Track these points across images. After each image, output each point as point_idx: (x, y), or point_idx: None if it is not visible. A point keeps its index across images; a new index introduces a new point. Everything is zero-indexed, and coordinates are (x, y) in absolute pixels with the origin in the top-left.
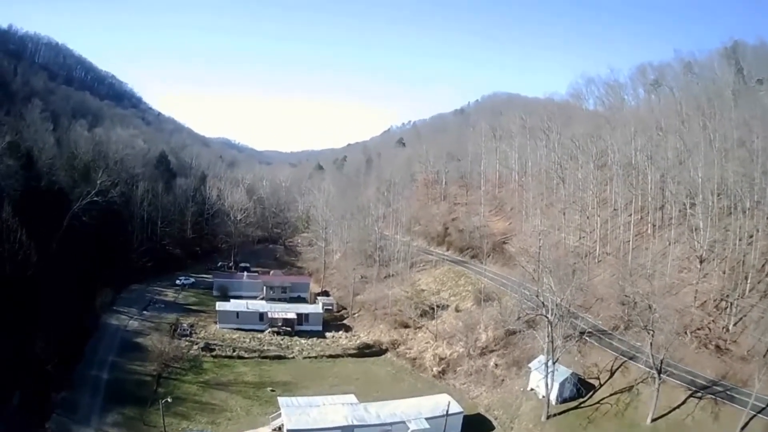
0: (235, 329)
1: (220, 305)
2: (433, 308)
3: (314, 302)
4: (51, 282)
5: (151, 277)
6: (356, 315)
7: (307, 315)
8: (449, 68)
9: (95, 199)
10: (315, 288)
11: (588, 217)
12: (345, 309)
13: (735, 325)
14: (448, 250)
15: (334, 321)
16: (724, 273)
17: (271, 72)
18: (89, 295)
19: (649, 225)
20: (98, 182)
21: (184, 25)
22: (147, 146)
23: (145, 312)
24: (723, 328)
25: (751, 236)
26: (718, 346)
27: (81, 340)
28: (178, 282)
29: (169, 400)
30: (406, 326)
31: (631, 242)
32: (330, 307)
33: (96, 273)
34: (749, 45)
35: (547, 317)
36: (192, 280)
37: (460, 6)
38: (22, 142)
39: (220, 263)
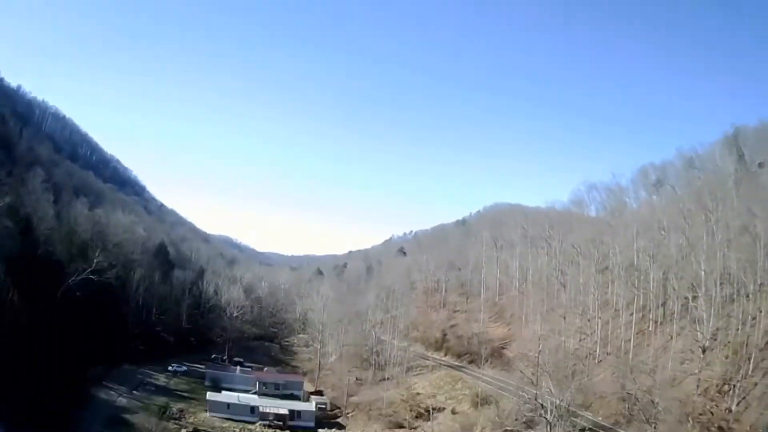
0: (225, 419)
1: (212, 395)
2: (428, 410)
3: (307, 400)
4: (40, 348)
5: (143, 360)
6: (350, 414)
7: (299, 411)
8: (450, 182)
9: (91, 276)
10: (309, 387)
11: (589, 320)
12: (339, 408)
13: (738, 404)
14: (445, 355)
15: (327, 419)
16: (726, 358)
17: (276, 181)
18: (79, 368)
19: (651, 322)
20: (95, 261)
21: (196, 121)
22: (147, 234)
23: (135, 392)
24: (726, 409)
25: (754, 318)
26: (720, 428)
27: (68, 409)
28: (170, 368)
29: None
30: (401, 426)
31: (632, 341)
32: (323, 406)
33: (87, 347)
34: (751, 128)
35: (546, 418)
36: (185, 368)
37: (460, 119)
38: (22, 207)
39: (214, 355)
